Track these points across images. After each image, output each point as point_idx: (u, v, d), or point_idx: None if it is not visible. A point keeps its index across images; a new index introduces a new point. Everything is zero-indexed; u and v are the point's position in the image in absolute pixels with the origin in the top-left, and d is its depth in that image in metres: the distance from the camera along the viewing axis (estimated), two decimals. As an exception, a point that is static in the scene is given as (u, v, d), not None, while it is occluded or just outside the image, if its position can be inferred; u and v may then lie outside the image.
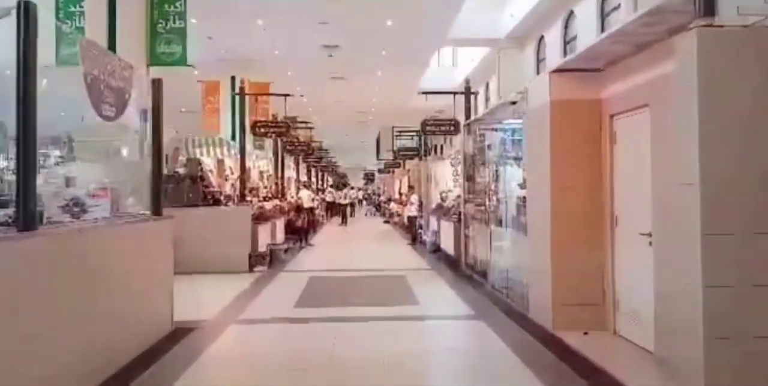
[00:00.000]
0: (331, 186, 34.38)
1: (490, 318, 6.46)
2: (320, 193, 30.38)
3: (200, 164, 10.43)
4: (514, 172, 7.70)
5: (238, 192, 11.63)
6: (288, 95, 12.30)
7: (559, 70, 5.83)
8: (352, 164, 50.62)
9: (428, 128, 11.27)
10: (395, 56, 17.20)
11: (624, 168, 5.37)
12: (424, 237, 13.98)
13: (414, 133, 18.69)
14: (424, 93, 11.73)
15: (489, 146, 8.36)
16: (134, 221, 5.57)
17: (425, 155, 16.33)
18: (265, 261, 10.34)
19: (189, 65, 10.03)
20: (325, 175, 38.45)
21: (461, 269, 9.99)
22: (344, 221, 22.74)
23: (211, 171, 10.86)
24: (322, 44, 16.37)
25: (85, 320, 4.23)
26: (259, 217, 10.73)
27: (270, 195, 14.71)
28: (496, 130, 8.12)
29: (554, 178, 5.72)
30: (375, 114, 27.38)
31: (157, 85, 6.19)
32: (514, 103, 6.94)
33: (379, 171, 34.56)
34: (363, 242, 16.56)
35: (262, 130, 15.59)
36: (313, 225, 19.08)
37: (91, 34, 9.78)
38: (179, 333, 5.79)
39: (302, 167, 25.27)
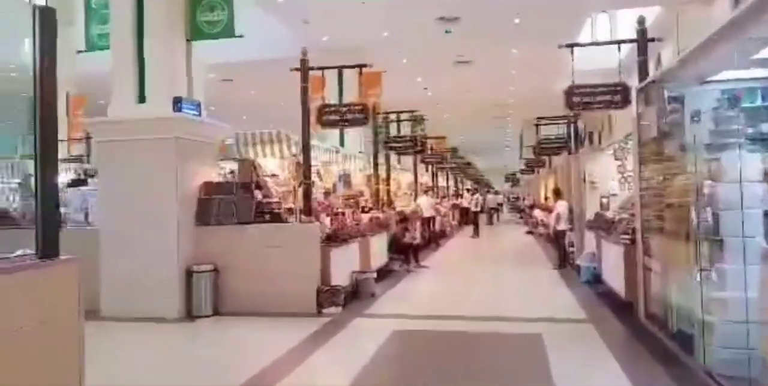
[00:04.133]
0: (468, 190, 30.84)
1: None
2: (458, 198, 27.09)
3: (255, 168, 7.71)
4: (752, 161, 3.97)
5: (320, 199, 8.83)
6: (363, 66, 9.21)
7: None
8: (491, 165, 46.55)
9: (578, 99, 7.43)
10: (532, 26, 13.39)
11: None
12: (577, 261, 10.11)
13: (560, 120, 14.63)
14: (568, 45, 7.92)
15: (695, 117, 4.53)
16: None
17: (576, 147, 12.28)
18: (339, 300, 7.32)
19: (238, 36, 7.42)
20: (457, 177, 34.86)
21: (638, 323, 6.13)
22: (476, 232, 19.14)
23: (271, 176, 8.13)
24: (437, 16, 13.15)
25: None
26: (333, 237, 7.74)
27: (371, 205, 11.72)
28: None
29: None
30: (514, 106, 23.42)
31: (45, 16, 3.37)
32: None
33: (521, 171, 30.30)
34: (492, 263, 12.85)
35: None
36: (435, 239, 15.85)
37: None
38: None
39: (422, 167, 22.13)
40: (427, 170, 23.35)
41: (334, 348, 5.86)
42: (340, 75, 14.57)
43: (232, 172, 8.27)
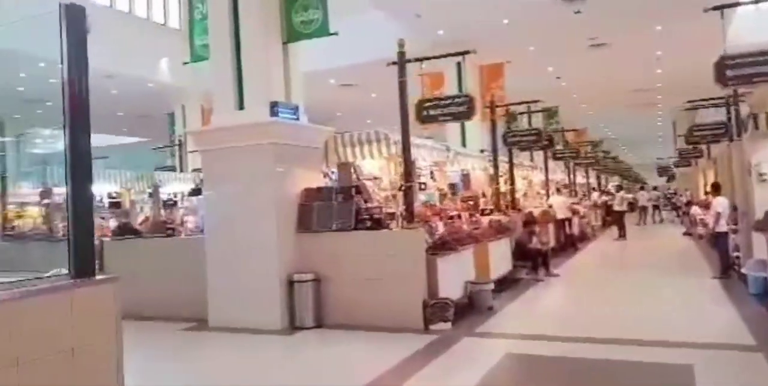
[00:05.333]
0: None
1: None
2: (604, 194, 24.89)
3: (354, 170, 7.24)
4: None
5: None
6: (467, 52, 8.29)
7: None
8: (642, 158, 42.58)
9: (732, 72, 5.93)
10: (677, -4, 11.62)
11: None
12: (743, 269, 8.40)
13: (717, 102, 12.53)
14: (716, 8, 6.45)
15: None
16: (32, 291, 2.74)
17: (738, 133, 10.31)
18: (448, 314, 6.59)
19: (333, 33, 7.05)
20: (600, 174, 32.01)
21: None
22: (621, 234, 17.21)
23: (373, 179, 7.61)
24: (563, -6, 11.88)
25: None
26: (441, 244, 7.02)
27: (492, 206, 10.78)
28: None
29: None
30: (663, 91, 20.92)
31: (73, 15, 3.07)
32: None
33: (675, 164, 27.06)
34: (637, 271, 11.22)
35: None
36: (571, 243, 14.42)
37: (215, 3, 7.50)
38: None
39: (556, 163, 20.46)
40: (566, 167, 21.63)
41: (433, 373, 5.16)
42: (459, 70, 13.88)
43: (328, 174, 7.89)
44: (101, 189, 11.50)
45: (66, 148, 3.01)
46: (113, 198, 11.42)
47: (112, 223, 9.77)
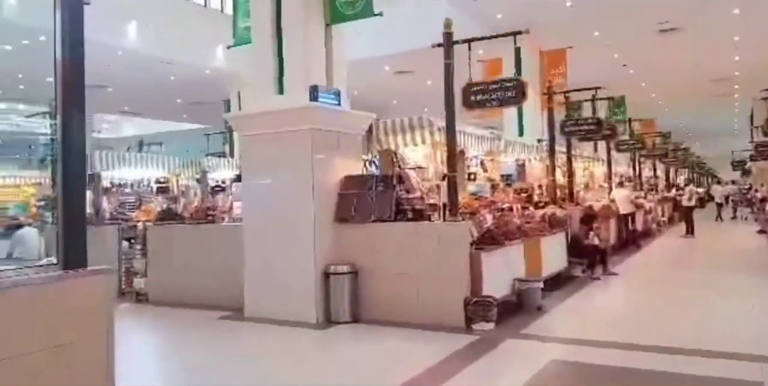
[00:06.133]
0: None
1: None
2: (674, 189, 23.55)
3: (395, 159, 6.88)
4: None
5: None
6: (518, 32, 7.68)
7: None
8: (715, 151, 40.16)
9: None
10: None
11: None
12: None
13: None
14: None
15: None
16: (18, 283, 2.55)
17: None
18: (491, 314, 6.18)
19: (377, 14, 6.71)
20: (669, 167, 30.27)
21: None
22: (689, 231, 16.12)
23: (416, 168, 7.22)
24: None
25: None
26: (488, 238, 6.59)
27: (547, 199, 10.19)
28: None
29: None
30: (741, 80, 19.45)
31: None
32: None
33: (751, 157, 25.25)
34: (705, 272, 10.36)
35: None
36: (634, 239, 13.59)
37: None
38: None
39: (621, 155, 19.38)
40: (631, 159, 20.48)
41: (471, 376, 4.79)
42: (518, 56, 13.24)
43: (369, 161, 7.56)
44: (149, 174, 11.66)
45: (57, 130, 2.80)
46: (161, 183, 11.59)
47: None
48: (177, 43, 13.76)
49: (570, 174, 11.34)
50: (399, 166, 7.01)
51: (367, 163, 7.71)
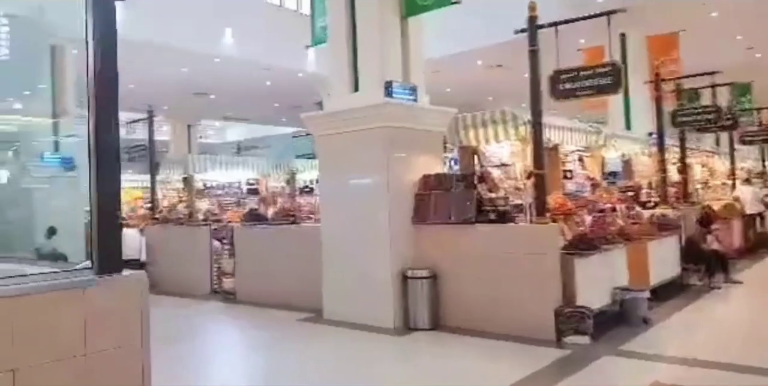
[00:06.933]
0: None
1: None
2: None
3: (477, 156, 6.38)
4: None
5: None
6: (613, 12, 6.76)
7: None
8: None
9: None
10: None
11: None
12: None
13: None
14: None
15: None
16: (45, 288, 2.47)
17: None
18: (585, 327, 5.52)
19: (455, 2, 6.30)
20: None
21: None
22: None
23: (501, 165, 6.65)
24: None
25: None
26: (582, 242, 5.91)
27: (657, 198, 9.15)
28: None
29: None
30: None
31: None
32: None
33: None
34: None
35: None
36: (763, 243, 12.00)
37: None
38: None
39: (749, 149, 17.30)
40: (761, 152, 18.29)
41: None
42: (623, 42, 12.19)
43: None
44: (240, 175, 11.94)
45: (89, 132, 2.67)
46: (251, 185, 11.85)
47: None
48: (271, 48, 14.04)
49: (684, 170, 10.16)
50: (481, 164, 6.50)
51: (450, 162, 7.26)
